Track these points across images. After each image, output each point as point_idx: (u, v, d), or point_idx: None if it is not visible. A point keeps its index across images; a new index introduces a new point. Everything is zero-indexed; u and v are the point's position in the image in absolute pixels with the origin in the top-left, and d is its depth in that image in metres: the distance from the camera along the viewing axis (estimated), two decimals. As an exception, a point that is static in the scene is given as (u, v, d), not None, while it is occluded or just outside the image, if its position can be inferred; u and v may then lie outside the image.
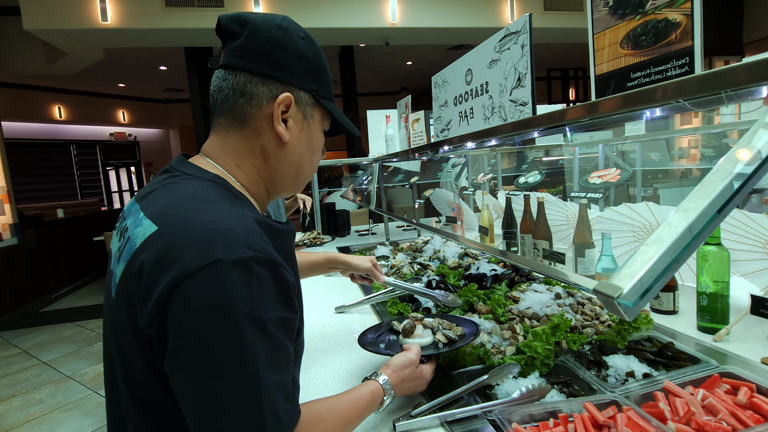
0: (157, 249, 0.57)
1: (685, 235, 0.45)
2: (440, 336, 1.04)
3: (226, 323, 0.54)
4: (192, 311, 0.54)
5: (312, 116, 0.75)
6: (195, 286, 0.54)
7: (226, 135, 0.71)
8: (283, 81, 0.70)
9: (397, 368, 0.88)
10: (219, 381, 0.53)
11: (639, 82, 0.87)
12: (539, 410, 0.85)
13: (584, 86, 10.83)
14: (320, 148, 0.80)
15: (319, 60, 0.74)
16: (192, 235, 0.57)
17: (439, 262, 1.98)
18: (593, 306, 1.27)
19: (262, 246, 0.58)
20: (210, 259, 0.54)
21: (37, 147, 8.70)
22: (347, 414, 0.73)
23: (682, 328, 1.18)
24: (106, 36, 5.37)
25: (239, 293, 0.54)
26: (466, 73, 1.66)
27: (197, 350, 0.53)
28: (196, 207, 0.61)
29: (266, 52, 0.68)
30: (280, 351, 0.59)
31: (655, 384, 0.90)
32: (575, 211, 1.91)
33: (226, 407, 0.53)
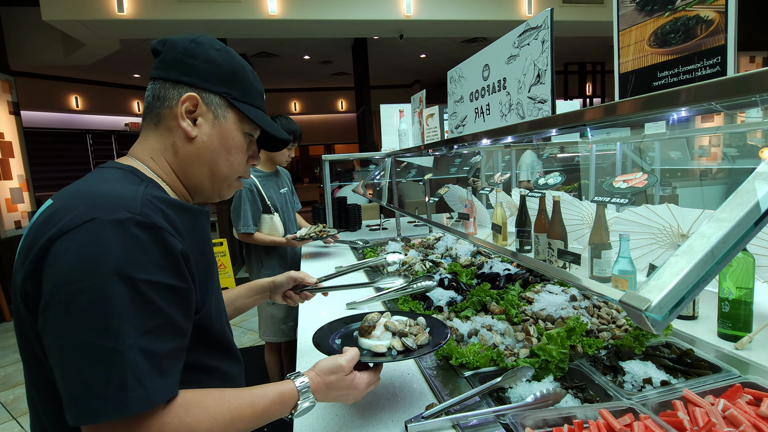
0: (44, 216, 0.62)
1: (719, 247, 0.43)
2: (396, 342, 0.90)
3: (93, 276, 0.55)
4: (62, 265, 0.56)
5: (224, 116, 0.78)
6: (68, 242, 0.56)
7: (145, 135, 0.79)
8: (191, 84, 0.76)
9: (323, 372, 0.79)
10: (81, 333, 0.54)
11: (666, 82, 0.84)
12: (553, 415, 0.83)
13: (602, 81, 10.61)
14: (238, 148, 0.81)
15: (232, 66, 0.79)
16: (78, 202, 0.61)
17: (451, 259, 1.97)
18: (609, 309, 1.25)
19: (144, 211, 0.61)
20: (87, 218, 0.57)
21: (55, 136, 8.86)
22: (239, 409, 0.67)
23: (701, 334, 1.15)
24: (122, 27, 5.42)
25: (110, 249, 0.56)
26: (483, 68, 1.63)
27: (63, 302, 0.55)
28: (93, 183, 0.67)
29: (177, 60, 0.76)
30: (155, 317, 0.58)
31: (673, 392, 0.88)
32: (591, 210, 1.87)
33: (87, 361, 0.54)
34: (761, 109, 0.62)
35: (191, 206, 0.73)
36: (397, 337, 0.91)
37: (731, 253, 0.43)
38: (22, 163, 5.31)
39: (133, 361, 0.55)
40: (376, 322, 0.95)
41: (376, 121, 9.59)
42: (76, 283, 0.55)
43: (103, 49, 6.20)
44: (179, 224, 0.66)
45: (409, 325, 0.97)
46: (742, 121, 2.32)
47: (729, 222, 0.44)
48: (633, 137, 3.42)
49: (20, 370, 3.55)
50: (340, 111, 13.28)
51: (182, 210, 0.70)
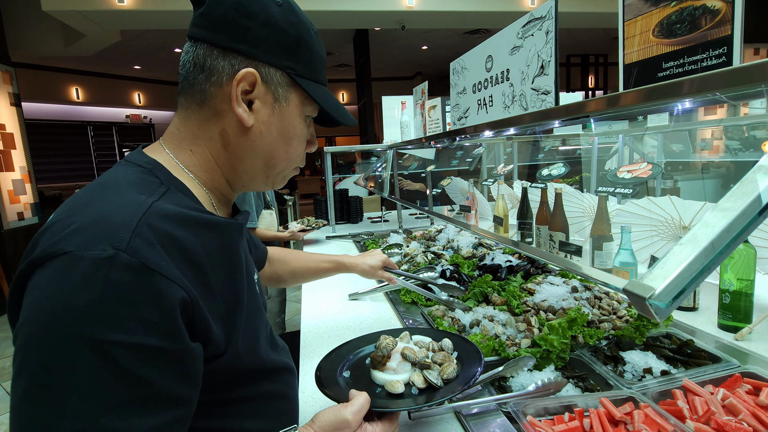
0: (45, 225, 0.51)
1: (723, 236, 0.43)
2: (416, 377, 0.73)
3: (50, 333, 0.43)
4: (27, 307, 0.45)
5: (286, 99, 0.64)
6: (38, 278, 0.46)
7: (185, 116, 0.63)
8: (247, 55, 0.59)
9: (323, 430, 0.62)
10: (25, 400, 0.43)
11: (671, 72, 0.84)
12: (554, 404, 0.84)
13: (605, 73, 10.54)
14: (299, 137, 0.68)
15: (298, 31, 0.62)
16: (66, 224, 0.48)
17: (453, 251, 1.98)
18: (611, 300, 1.25)
19: (133, 245, 0.46)
20: (59, 251, 0.45)
21: (56, 128, 8.86)
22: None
23: (701, 325, 1.16)
24: (122, 17, 5.38)
25: (76, 299, 0.43)
26: (486, 59, 1.62)
27: (18, 353, 0.45)
28: (95, 194, 0.54)
29: (228, 19, 0.58)
30: (132, 389, 0.45)
31: (673, 381, 0.89)
32: (593, 203, 1.87)
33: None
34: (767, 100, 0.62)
35: (220, 221, 0.58)
36: (417, 370, 0.76)
37: (735, 242, 0.43)
38: (24, 154, 5.31)
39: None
40: (392, 350, 0.78)
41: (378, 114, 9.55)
42: (31, 336, 0.44)
43: (104, 40, 6.16)
44: (198, 250, 0.53)
45: (432, 350, 0.81)
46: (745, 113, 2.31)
47: (733, 211, 0.44)
48: (635, 129, 3.41)
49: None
50: (342, 103, 13.22)
51: (205, 227, 0.56)
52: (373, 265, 1.29)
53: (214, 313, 0.55)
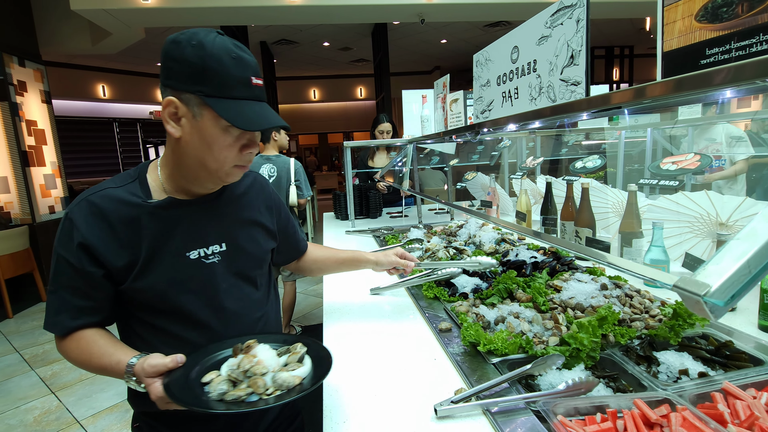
0: None
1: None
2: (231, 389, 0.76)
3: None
4: None
5: (200, 114, 0.83)
6: None
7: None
8: (173, 87, 0.82)
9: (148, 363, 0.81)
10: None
11: (715, 60, 0.79)
12: (585, 404, 0.82)
13: (630, 65, 10.21)
14: (221, 144, 0.85)
15: (203, 62, 0.80)
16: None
17: (475, 246, 1.95)
18: (642, 299, 1.21)
19: (73, 209, 0.87)
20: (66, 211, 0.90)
21: (83, 124, 9.14)
22: (91, 354, 0.88)
23: (740, 326, 1.11)
24: (147, 15, 5.49)
25: (58, 233, 0.88)
26: (512, 50, 1.58)
27: None
28: (115, 176, 0.95)
29: (162, 66, 0.83)
30: (70, 281, 0.87)
31: (712, 384, 0.85)
32: (621, 198, 1.81)
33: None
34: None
35: (133, 201, 0.89)
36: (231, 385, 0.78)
37: (799, 236, 0.40)
38: (55, 150, 5.50)
39: (52, 301, 0.89)
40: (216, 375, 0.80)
41: (396, 108, 9.49)
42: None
43: (129, 38, 6.31)
44: (113, 215, 0.87)
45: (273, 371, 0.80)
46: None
47: (796, 204, 0.41)
48: (664, 123, 3.28)
49: (67, 368, 3.73)
50: (359, 98, 13.22)
51: (122, 203, 0.88)
52: (387, 254, 1.37)
53: (110, 254, 0.87)
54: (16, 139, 4.88)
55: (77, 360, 0.90)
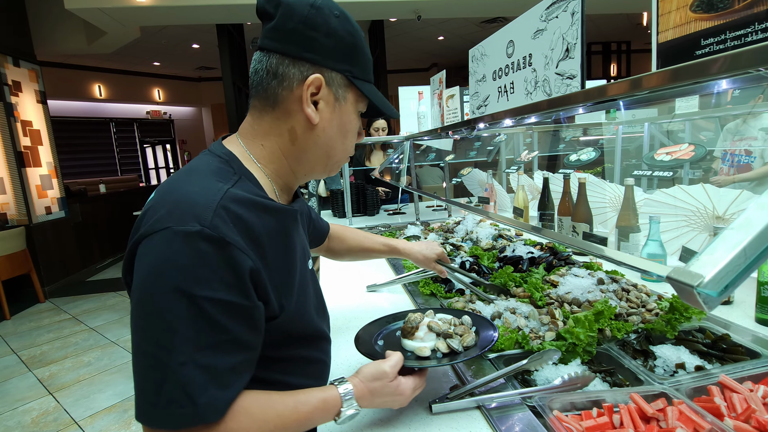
0: (144, 209, 0.64)
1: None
2: (440, 344, 0.86)
3: (156, 287, 0.56)
4: (140, 269, 0.59)
5: (344, 98, 0.73)
6: (146, 247, 0.59)
7: (259, 116, 0.73)
8: (314, 62, 0.69)
9: (366, 379, 0.75)
10: (143, 339, 0.57)
11: (710, 50, 0.78)
12: (581, 399, 0.81)
13: (627, 61, 10.19)
14: (354, 131, 0.78)
15: (353, 39, 0.72)
16: (162, 204, 0.61)
17: (472, 243, 1.94)
18: (639, 293, 1.21)
19: (214, 223, 0.58)
20: (161, 226, 0.58)
21: (80, 124, 9.10)
22: (283, 415, 0.65)
23: (737, 319, 1.10)
24: (141, 14, 5.46)
25: (175, 263, 0.56)
26: (507, 44, 1.57)
27: (135, 306, 0.58)
28: (183, 179, 0.66)
29: (297, 32, 0.68)
30: (216, 334, 0.57)
31: (708, 377, 0.84)
32: (618, 193, 1.81)
33: (144, 365, 0.56)
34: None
35: (277, 207, 0.68)
36: (441, 339, 0.88)
37: (794, 225, 0.39)
38: (51, 150, 5.47)
39: (184, 377, 0.54)
40: (419, 322, 0.91)
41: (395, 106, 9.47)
42: (143, 290, 0.57)
43: (124, 37, 6.27)
44: (259, 230, 0.64)
45: (454, 324, 0.93)
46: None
47: (791, 192, 0.40)
48: (661, 117, 3.27)
49: (55, 348, 3.72)
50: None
51: (266, 211, 0.66)
52: (427, 256, 1.32)
53: (271, 281, 0.66)
54: (11, 139, 4.86)
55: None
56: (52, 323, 4.35)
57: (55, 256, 5.46)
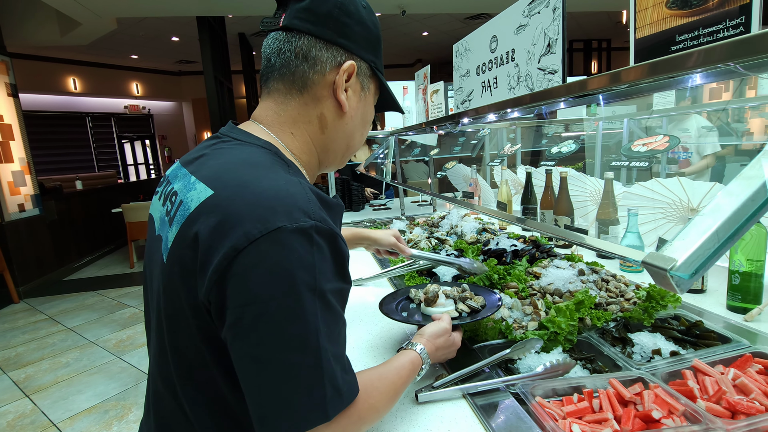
0: (215, 214, 0.55)
1: (747, 205, 0.41)
2: (462, 306, 1.02)
3: (289, 292, 0.52)
4: (254, 279, 0.52)
5: (368, 88, 0.74)
6: (256, 254, 0.52)
7: (283, 101, 0.69)
8: (347, 49, 0.68)
9: (432, 337, 0.87)
10: (281, 351, 0.52)
11: (685, 46, 0.81)
12: (563, 385, 0.84)
13: (608, 59, 10.40)
14: (370, 121, 0.78)
15: (378, 31, 0.72)
16: (252, 202, 0.54)
17: (457, 237, 1.96)
18: (618, 283, 1.24)
19: (321, 215, 0.56)
20: (272, 227, 0.52)
21: (54, 119, 8.80)
22: (395, 382, 0.72)
23: (710, 307, 1.15)
24: (118, 4, 5.30)
25: (301, 262, 0.53)
26: (490, 40, 1.58)
27: (259, 319, 0.52)
28: (253, 173, 0.59)
29: (333, 16, 0.66)
30: (338, 322, 0.58)
31: (683, 362, 0.88)
32: (599, 186, 1.85)
33: (287, 378, 0.52)
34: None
35: (332, 201, 0.66)
36: (460, 302, 1.04)
37: (761, 210, 0.41)
38: (23, 146, 5.28)
39: (331, 373, 0.54)
40: (438, 291, 1.06)
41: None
42: (270, 300, 0.52)
43: (100, 28, 6.08)
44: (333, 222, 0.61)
45: (460, 292, 1.09)
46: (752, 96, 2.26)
47: (758, 179, 0.42)
48: (640, 113, 3.35)
49: (31, 349, 3.62)
50: (341, 92, 13.08)
51: (328, 206, 0.62)
52: (388, 235, 1.41)
53: None
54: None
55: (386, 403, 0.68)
56: (27, 324, 4.22)
57: (29, 255, 5.29)
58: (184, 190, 0.62)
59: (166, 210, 0.64)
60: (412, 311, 1.09)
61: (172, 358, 0.62)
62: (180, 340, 0.61)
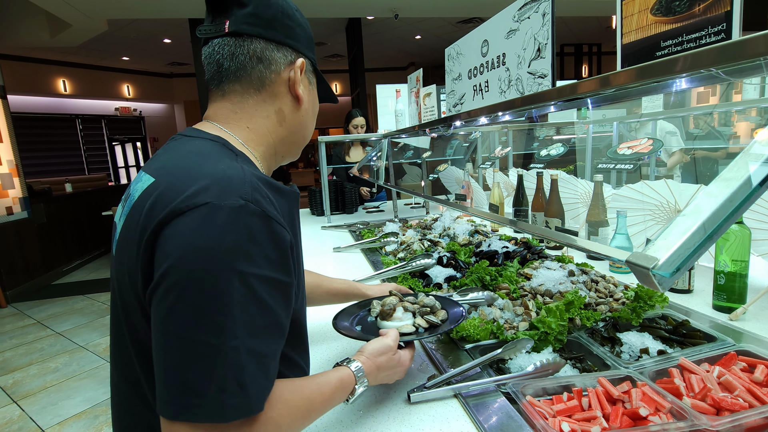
0: (153, 197, 0.57)
1: (726, 206, 0.43)
2: (420, 320, 0.96)
3: (205, 266, 0.51)
4: (174, 250, 0.52)
5: (312, 82, 0.80)
6: (180, 225, 0.53)
7: (240, 100, 0.72)
8: (294, 48, 0.74)
9: (372, 355, 0.80)
10: (187, 327, 0.51)
11: (669, 51, 0.83)
12: (553, 384, 0.85)
13: (598, 63, 10.54)
14: (317, 113, 0.84)
15: (311, 30, 0.79)
16: (186, 182, 0.56)
17: (449, 239, 1.97)
18: (607, 284, 1.26)
19: (255, 197, 0.56)
20: (199, 202, 0.53)
21: (43, 121, 8.68)
22: (311, 399, 0.65)
23: (696, 306, 1.17)
24: (108, 6, 5.27)
25: (223, 239, 0.52)
26: (482, 44, 1.60)
27: (172, 289, 0.51)
28: (196, 160, 0.62)
29: (278, 20, 0.71)
30: (264, 316, 0.55)
31: (669, 361, 0.90)
32: (589, 189, 1.88)
33: (188, 355, 0.50)
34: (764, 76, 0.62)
35: (285, 189, 0.65)
36: (419, 316, 0.98)
37: (738, 211, 0.43)
38: (12, 148, 5.21)
39: (236, 363, 0.51)
40: (395, 304, 1.00)
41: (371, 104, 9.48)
42: (186, 272, 0.51)
43: (90, 30, 6.03)
44: (281, 209, 0.61)
45: (421, 304, 1.02)
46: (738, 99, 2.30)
47: (736, 181, 0.44)
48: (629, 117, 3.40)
49: (18, 354, 3.56)
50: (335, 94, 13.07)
51: (279, 193, 0.63)
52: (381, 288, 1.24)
53: (297, 265, 0.64)
54: (-32, 136, 4.60)
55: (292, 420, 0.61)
56: (15, 329, 4.15)
57: (17, 259, 5.21)
58: (133, 185, 0.66)
59: (121, 209, 0.67)
60: (369, 325, 1.01)
61: (131, 345, 0.63)
62: (134, 325, 0.61)
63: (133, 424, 0.68)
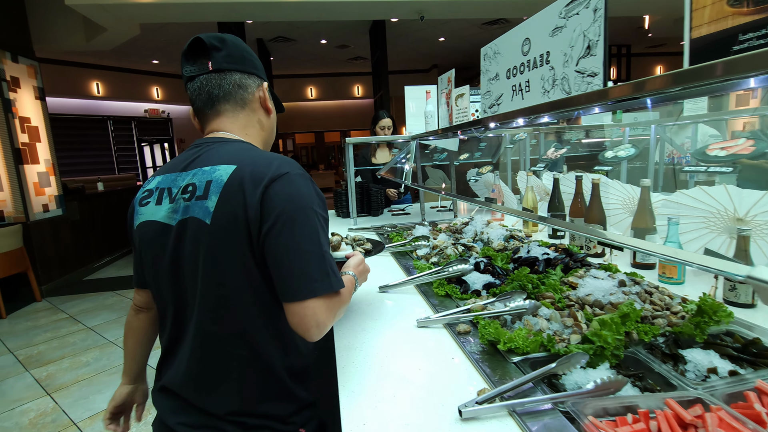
0: (248, 174, 0.84)
1: None
2: (359, 249, 1.47)
3: (301, 207, 0.83)
4: (278, 201, 0.82)
5: (270, 98, 1.06)
6: (277, 187, 0.83)
7: (233, 116, 0.99)
8: (258, 75, 1.02)
9: (356, 266, 1.14)
10: (302, 242, 0.81)
11: (749, 45, 0.76)
12: (614, 404, 0.79)
13: (627, 65, 10.24)
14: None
15: (260, 60, 1.06)
16: (266, 162, 0.86)
17: (483, 243, 1.91)
18: (662, 295, 1.18)
19: (303, 169, 0.90)
20: (283, 172, 0.85)
21: (78, 122, 9.01)
22: (350, 291, 1.01)
23: (761, 322, 1.08)
24: (142, 11, 5.41)
25: (306, 191, 0.85)
26: (523, 42, 1.54)
27: (286, 222, 0.81)
28: (254, 151, 0.92)
29: (245, 57, 0.99)
30: (326, 236, 0.87)
31: (744, 383, 0.82)
32: (633, 194, 1.78)
33: (306, 258, 0.82)
34: None
35: None
36: (358, 246, 1.51)
37: None
38: (49, 147, 5.41)
39: (328, 260, 0.84)
40: (339, 241, 1.39)
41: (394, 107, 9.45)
42: (292, 211, 0.81)
43: (123, 34, 6.22)
44: None
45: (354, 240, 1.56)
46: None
47: None
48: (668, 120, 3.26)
49: (52, 348, 3.67)
50: (357, 97, 13.15)
51: None
52: None
53: None
54: (9, 136, 4.79)
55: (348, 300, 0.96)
56: (49, 323, 4.29)
57: (52, 255, 5.39)
58: (204, 177, 0.87)
59: (183, 198, 0.87)
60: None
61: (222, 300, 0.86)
62: (228, 277, 0.84)
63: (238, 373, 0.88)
